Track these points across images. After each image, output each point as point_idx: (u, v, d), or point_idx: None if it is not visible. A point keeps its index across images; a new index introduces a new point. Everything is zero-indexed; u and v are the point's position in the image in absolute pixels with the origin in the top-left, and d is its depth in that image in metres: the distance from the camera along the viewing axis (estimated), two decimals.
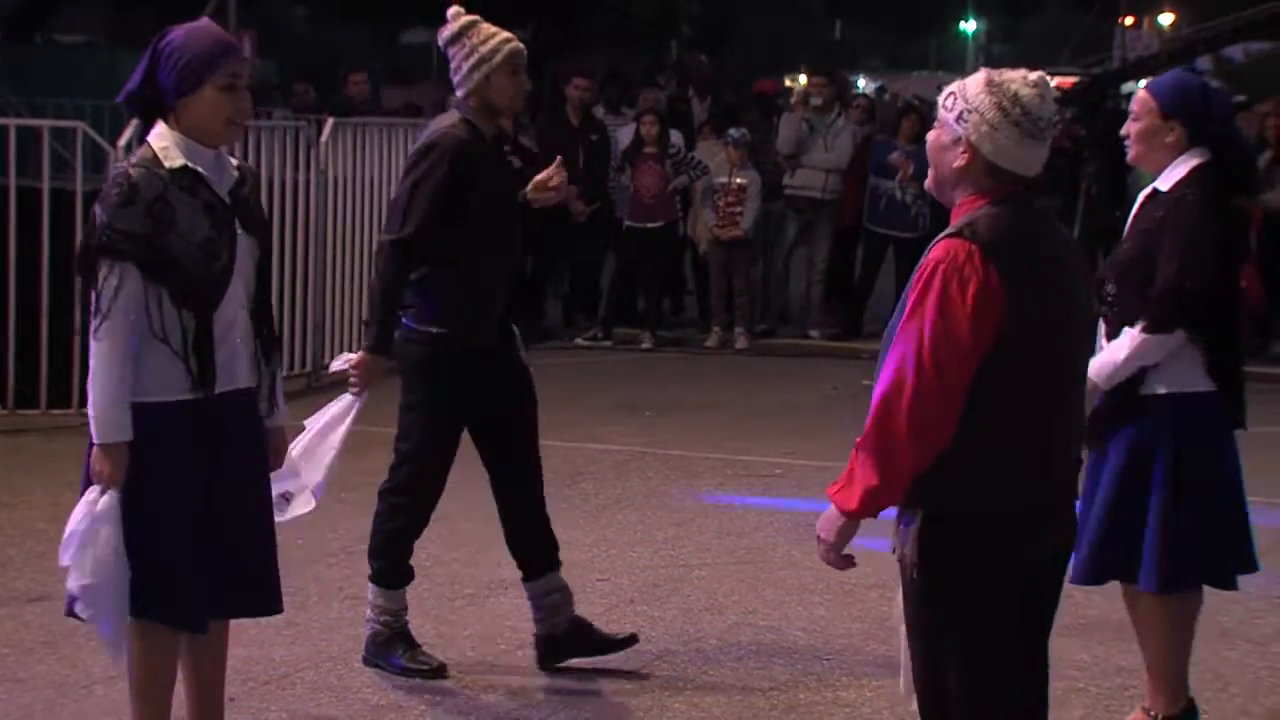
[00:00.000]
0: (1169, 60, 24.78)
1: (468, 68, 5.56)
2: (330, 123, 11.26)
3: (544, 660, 5.79)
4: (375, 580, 5.74)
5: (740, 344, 13.17)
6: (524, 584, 5.87)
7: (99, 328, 4.18)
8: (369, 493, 8.10)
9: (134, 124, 9.21)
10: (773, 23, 33.20)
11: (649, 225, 13.02)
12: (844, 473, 3.66)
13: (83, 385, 9.27)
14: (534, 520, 5.84)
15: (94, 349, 4.21)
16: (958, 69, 39.01)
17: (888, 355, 3.64)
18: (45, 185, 9.40)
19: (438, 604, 6.46)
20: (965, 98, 3.68)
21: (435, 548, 7.22)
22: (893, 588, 3.85)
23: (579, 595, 6.01)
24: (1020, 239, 3.64)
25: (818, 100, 13.76)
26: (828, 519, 3.71)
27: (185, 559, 4.30)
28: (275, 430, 4.57)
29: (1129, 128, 5.03)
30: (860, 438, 3.62)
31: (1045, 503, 3.72)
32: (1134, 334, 4.90)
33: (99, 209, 4.20)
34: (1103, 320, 4.99)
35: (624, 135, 13.39)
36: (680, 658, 5.87)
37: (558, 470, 8.72)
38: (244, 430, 4.42)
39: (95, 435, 4.21)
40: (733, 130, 13.06)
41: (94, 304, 4.20)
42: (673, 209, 13.29)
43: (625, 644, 5.82)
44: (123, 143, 9.12)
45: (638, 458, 9.09)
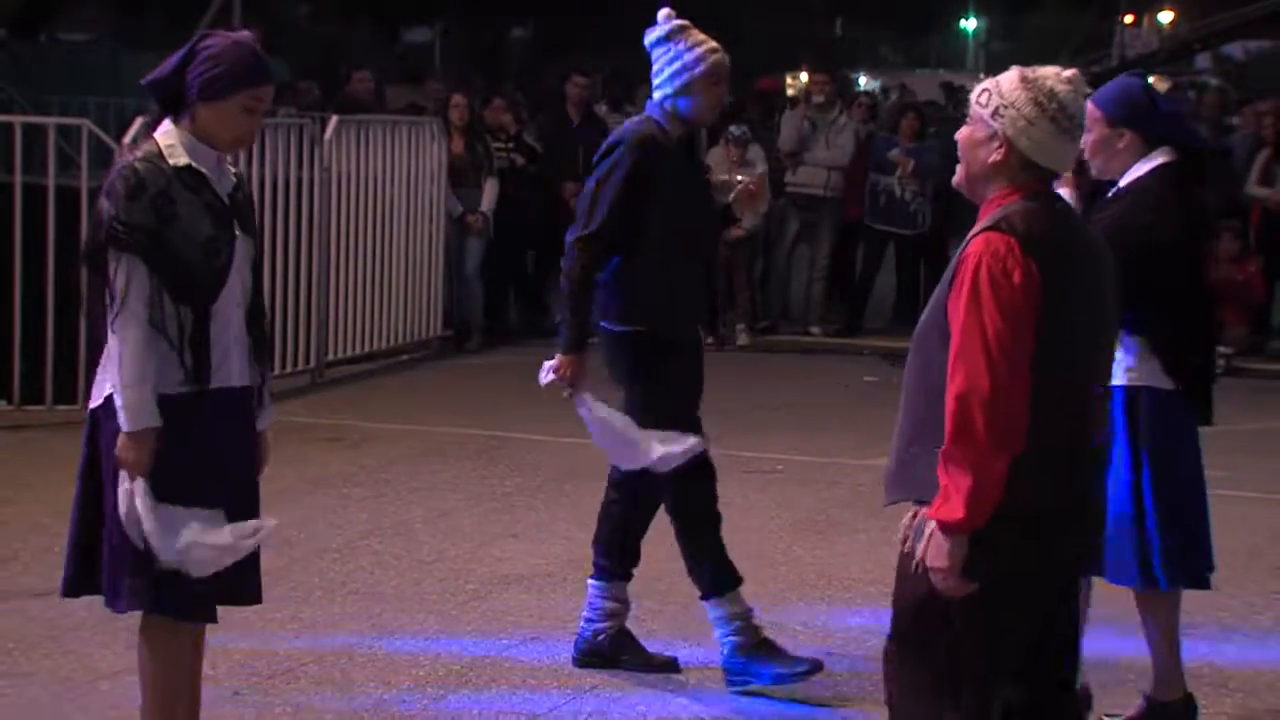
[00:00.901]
0: (1168, 58, 24.84)
1: (670, 72, 5.53)
2: (334, 120, 11.28)
3: (577, 660, 5.79)
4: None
5: (741, 341, 13.18)
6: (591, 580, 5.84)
7: (116, 319, 4.20)
8: (371, 488, 8.21)
9: (138, 122, 9.24)
10: (774, 21, 33.19)
11: None
12: (938, 493, 3.59)
13: (88, 381, 9.35)
14: (645, 525, 5.83)
15: (115, 340, 4.21)
16: (958, 67, 39.07)
17: (953, 359, 3.59)
18: (51, 182, 9.40)
19: (440, 598, 6.48)
20: (1001, 94, 3.70)
21: (437, 543, 7.27)
22: (890, 584, 3.84)
23: (580, 590, 6.02)
24: (1054, 234, 3.66)
25: (819, 98, 13.78)
26: (936, 545, 3.62)
27: None
28: (262, 432, 4.56)
29: (1084, 141, 5.01)
30: (943, 450, 3.58)
31: (1071, 501, 3.72)
32: None
33: (106, 202, 4.22)
34: None
35: None
36: (681, 652, 5.87)
37: (561, 465, 8.79)
38: (237, 427, 4.43)
39: (126, 423, 4.20)
40: (733, 128, 13.03)
41: (109, 296, 4.21)
42: None
43: (665, 667, 5.78)
44: (127, 140, 9.12)
45: None
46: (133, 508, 4.21)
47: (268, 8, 19.64)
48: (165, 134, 4.30)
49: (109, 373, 4.30)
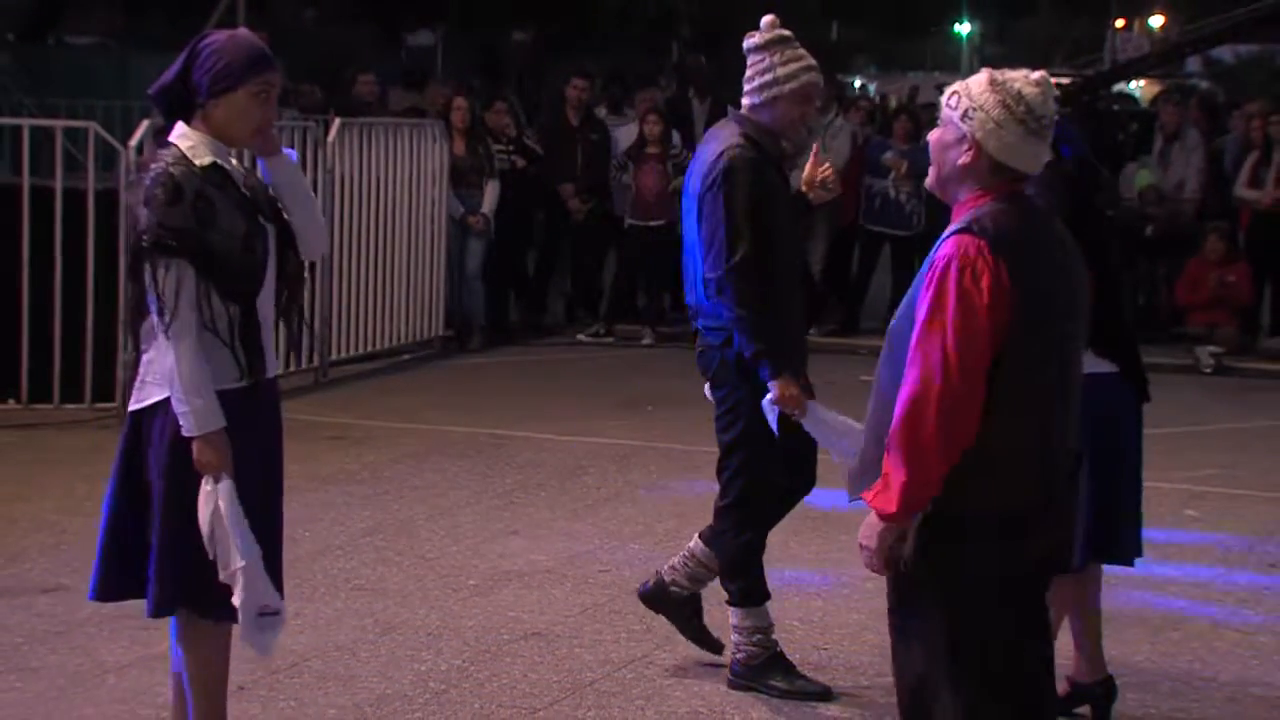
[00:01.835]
0: (1159, 61, 24.82)
1: (761, 83, 5.51)
2: (337, 123, 11.32)
3: (645, 597, 5.78)
4: (738, 602, 5.64)
5: None
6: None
7: (170, 326, 4.17)
8: (374, 485, 8.25)
9: (145, 125, 9.26)
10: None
11: (650, 224, 13.06)
12: (879, 479, 3.64)
13: (94, 380, 9.48)
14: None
15: (168, 347, 4.18)
16: (952, 70, 39.07)
17: (911, 355, 3.62)
18: (58, 184, 9.45)
19: (442, 594, 6.51)
20: (970, 96, 3.71)
21: (439, 540, 7.29)
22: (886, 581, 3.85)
23: (580, 587, 6.08)
24: (1025, 236, 3.66)
25: (816, 101, 13.81)
26: (869, 526, 3.68)
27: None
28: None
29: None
30: (890, 439, 3.61)
31: (1042, 502, 3.72)
32: None
33: (145, 210, 4.19)
34: None
35: (624, 135, 13.45)
36: (680, 646, 5.89)
37: (561, 463, 8.82)
38: (276, 416, 4.47)
39: (194, 428, 4.18)
40: None
41: (158, 304, 4.18)
42: (674, 208, 13.34)
43: (715, 648, 5.78)
44: (134, 143, 9.18)
45: (639, 451, 9.14)
46: (216, 509, 4.18)
47: (272, 11, 19.66)
48: (183, 136, 4.29)
49: (155, 377, 4.28)
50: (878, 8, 36.75)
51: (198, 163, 4.24)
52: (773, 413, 5.38)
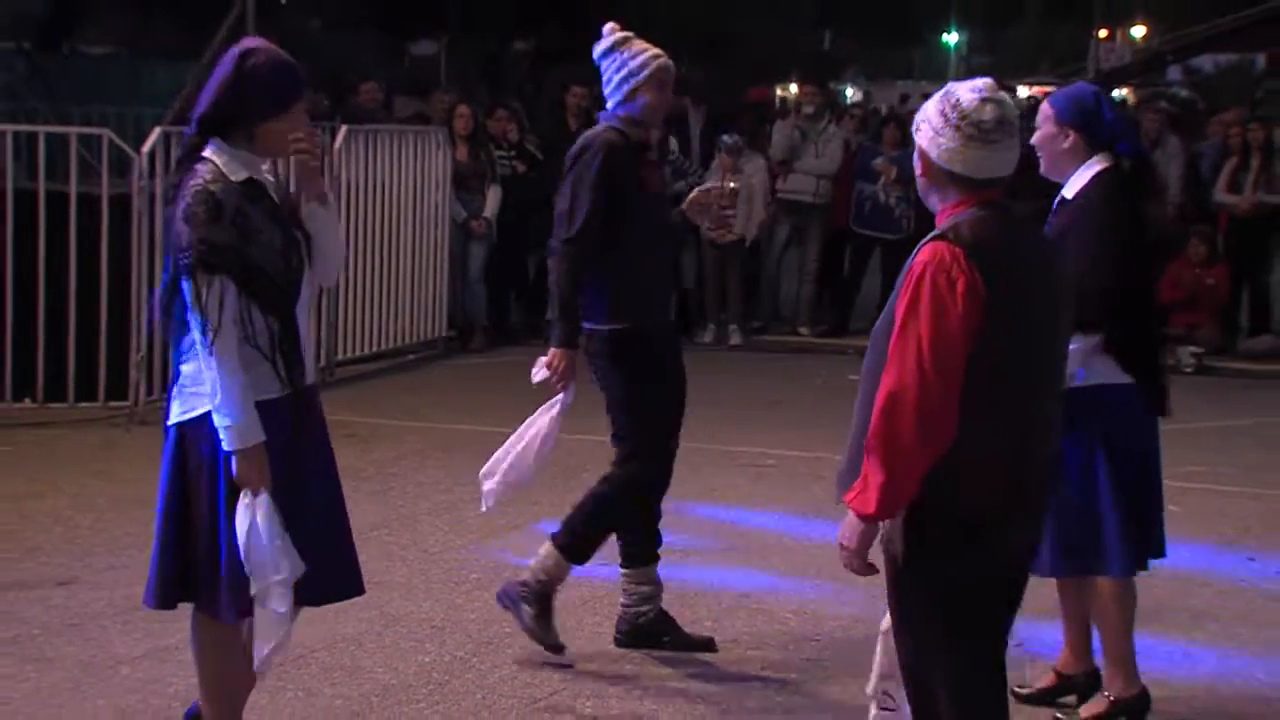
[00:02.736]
0: (1141, 70, 24.85)
1: (617, 80, 5.75)
2: (343, 130, 11.41)
3: (621, 641, 5.95)
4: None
5: (734, 340, 13.39)
6: (621, 569, 5.98)
7: (213, 342, 4.15)
8: (379, 481, 8.33)
9: (157, 131, 9.37)
10: (764, 34, 33.16)
11: None
12: (858, 480, 3.66)
13: (109, 380, 9.61)
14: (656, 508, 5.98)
15: (211, 363, 4.16)
16: (940, 79, 39.14)
17: (889, 359, 3.64)
18: (73, 190, 9.55)
19: (446, 588, 6.59)
20: (923, 109, 3.79)
21: (443, 534, 7.37)
22: (880, 574, 3.90)
23: (579, 581, 6.11)
24: (1001, 243, 3.67)
25: (809, 108, 13.94)
26: (848, 526, 3.70)
27: None
28: None
29: (1036, 138, 5.20)
30: (868, 441, 3.63)
31: (1021, 500, 3.76)
32: None
33: (185, 227, 4.17)
34: None
35: None
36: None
37: (560, 462, 8.78)
38: (318, 421, 4.49)
39: (234, 444, 4.18)
40: (725, 136, 13.12)
41: (200, 320, 4.16)
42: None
43: (704, 647, 5.94)
44: (146, 149, 9.30)
45: None
46: (254, 524, 4.18)
47: (280, 20, 19.81)
48: (217, 151, 4.27)
49: (193, 389, 4.28)
50: (869, 18, 36.83)
51: (234, 178, 4.24)
52: (539, 371, 5.88)
